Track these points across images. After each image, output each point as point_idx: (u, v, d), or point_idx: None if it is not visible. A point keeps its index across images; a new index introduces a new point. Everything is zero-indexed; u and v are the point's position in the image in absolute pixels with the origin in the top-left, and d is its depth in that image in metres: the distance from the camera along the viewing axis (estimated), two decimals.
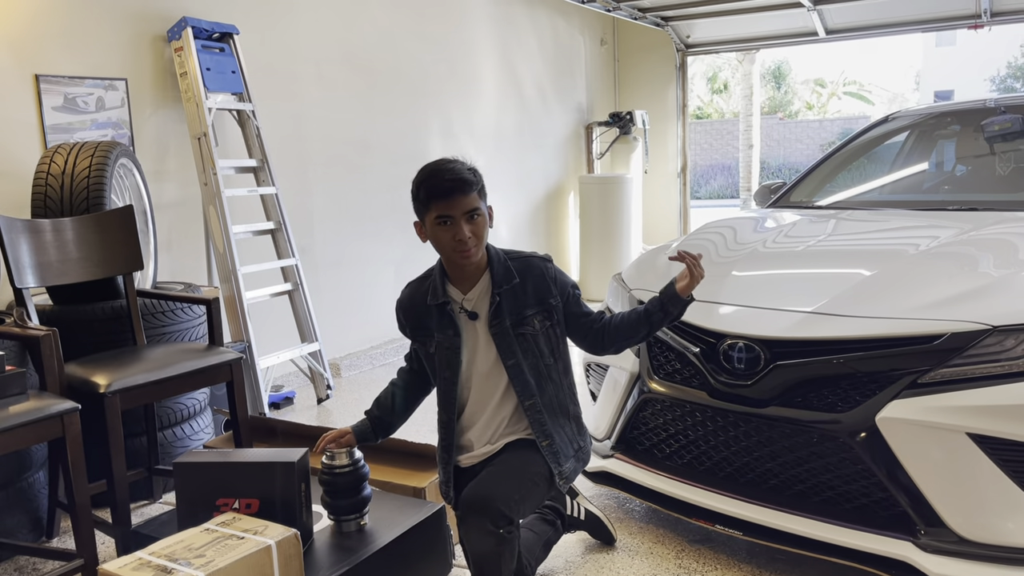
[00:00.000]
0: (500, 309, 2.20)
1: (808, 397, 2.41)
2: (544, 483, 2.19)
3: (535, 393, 2.21)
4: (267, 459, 2.28)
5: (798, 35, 8.08)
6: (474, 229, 2.13)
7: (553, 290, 2.23)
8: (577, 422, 2.32)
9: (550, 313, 2.23)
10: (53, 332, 2.57)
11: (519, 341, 2.19)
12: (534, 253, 2.32)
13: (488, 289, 2.21)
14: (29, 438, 2.31)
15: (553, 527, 2.61)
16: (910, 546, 2.23)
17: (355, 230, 5.41)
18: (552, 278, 2.25)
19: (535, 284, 2.22)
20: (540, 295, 2.22)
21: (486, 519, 2.03)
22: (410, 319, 2.32)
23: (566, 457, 2.23)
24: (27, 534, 2.91)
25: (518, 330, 2.19)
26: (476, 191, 2.14)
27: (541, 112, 7.45)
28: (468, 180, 2.12)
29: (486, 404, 2.26)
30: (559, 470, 2.20)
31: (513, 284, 2.20)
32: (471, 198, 2.12)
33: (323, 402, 4.69)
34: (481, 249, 2.18)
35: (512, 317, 2.19)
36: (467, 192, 2.12)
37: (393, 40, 5.65)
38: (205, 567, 1.90)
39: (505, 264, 2.23)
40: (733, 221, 3.66)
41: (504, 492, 2.07)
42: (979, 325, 2.24)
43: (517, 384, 2.21)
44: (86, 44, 3.87)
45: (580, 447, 2.30)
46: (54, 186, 3.19)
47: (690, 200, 8.88)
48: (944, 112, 4.11)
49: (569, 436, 2.26)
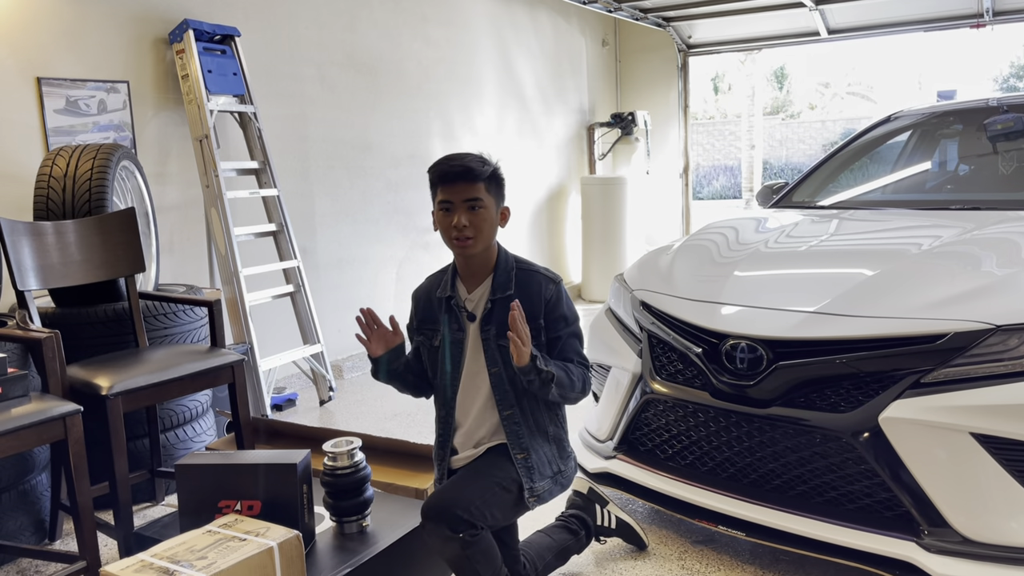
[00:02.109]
0: (490, 316, 2.20)
1: (811, 397, 2.41)
2: (515, 489, 2.16)
3: (514, 404, 2.20)
4: (269, 461, 2.28)
5: (800, 35, 8.07)
6: (473, 219, 2.12)
7: (542, 311, 2.18)
8: (559, 444, 2.27)
9: (537, 333, 2.18)
10: (55, 334, 2.57)
11: (500, 352, 2.19)
12: (546, 270, 2.26)
13: (487, 293, 2.21)
14: (31, 440, 2.31)
15: (575, 536, 2.59)
16: (914, 546, 2.23)
17: (357, 231, 5.41)
18: (547, 299, 2.19)
19: (529, 300, 2.18)
20: (531, 312, 2.17)
21: (443, 525, 2.03)
22: (421, 310, 2.32)
23: (541, 476, 2.19)
24: (30, 536, 2.92)
25: (499, 341, 2.18)
26: (482, 181, 2.12)
27: (543, 113, 7.45)
28: (473, 169, 2.11)
29: (472, 407, 2.26)
30: (531, 486, 2.16)
31: (507, 294, 2.19)
32: (474, 187, 2.11)
33: (325, 404, 4.69)
34: (481, 242, 2.15)
35: (498, 327, 2.18)
36: (470, 180, 2.11)
37: (394, 41, 5.65)
38: (207, 569, 1.90)
39: (508, 272, 2.22)
40: (735, 221, 3.66)
41: (464, 497, 2.06)
42: (982, 324, 2.23)
43: (497, 392, 2.20)
44: (88, 47, 3.88)
45: (560, 471, 2.25)
46: (56, 189, 3.20)
47: (692, 200, 8.87)
48: (946, 111, 4.10)
49: (548, 457, 2.22)
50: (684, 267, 3.07)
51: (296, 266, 4.58)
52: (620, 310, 3.13)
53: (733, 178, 21.11)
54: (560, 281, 2.25)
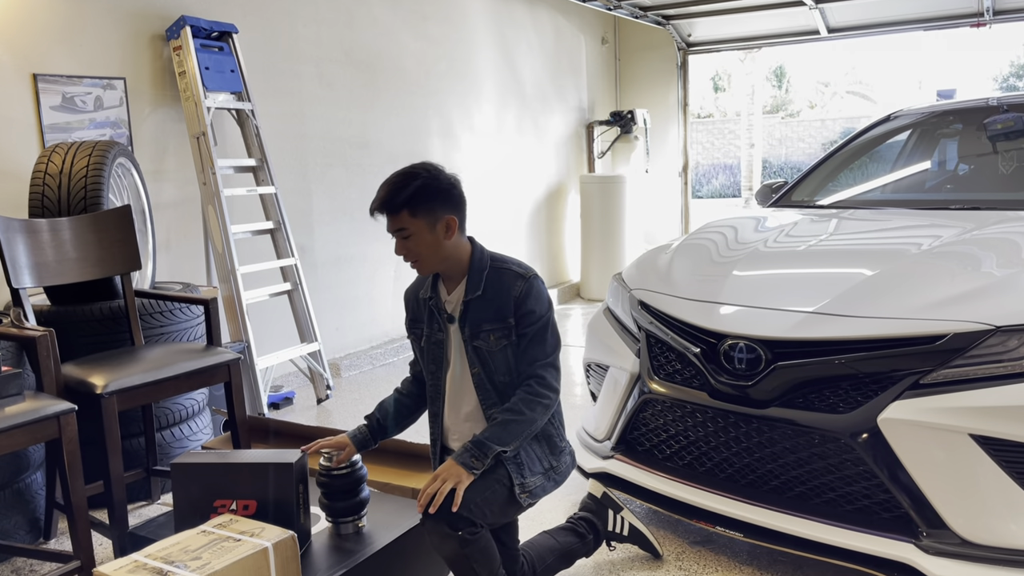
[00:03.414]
0: (465, 317, 2.20)
1: (809, 398, 2.40)
2: (509, 484, 2.15)
3: (497, 403, 2.20)
4: (265, 460, 2.27)
5: (800, 33, 8.06)
6: (406, 246, 2.14)
7: (512, 309, 2.17)
8: (549, 442, 2.25)
9: (509, 332, 2.17)
10: (50, 332, 2.55)
11: (475, 352, 2.19)
12: (519, 265, 2.23)
13: (463, 295, 2.21)
14: (26, 439, 2.29)
15: (582, 540, 2.57)
16: (912, 548, 2.22)
17: (354, 229, 5.40)
18: (517, 297, 2.16)
19: (501, 299, 2.17)
20: (500, 312, 2.17)
21: (443, 522, 2.03)
22: (411, 310, 2.35)
23: (532, 472, 2.18)
24: (24, 535, 2.90)
25: (473, 342, 2.19)
26: (403, 209, 2.09)
27: (542, 111, 7.43)
28: (390, 201, 2.09)
29: (461, 407, 2.27)
30: (521, 482, 2.14)
31: (477, 295, 2.18)
32: (396, 218, 2.11)
33: (323, 402, 4.68)
34: (428, 264, 2.17)
35: (471, 328, 2.19)
36: (389, 212, 2.11)
37: (393, 39, 5.63)
38: (201, 570, 1.89)
39: (481, 273, 2.20)
40: (734, 220, 3.64)
41: (464, 495, 2.05)
42: (982, 325, 2.22)
43: (480, 392, 2.21)
44: (84, 43, 3.86)
45: (552, 466, 2.24)
46: (52, 186, 3.18)
47: (691, 199, 8.85)
48: (946, 111, 4.09)
49: (537, 454, 2.21)
50: (683, 266, 3.05)
51: (294, 264, 4.57)
52: (618, 309, 3.12)
53: (732, 177, 21.09)
54: (531, 276, 2.21)
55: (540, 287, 2.21)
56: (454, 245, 2.17)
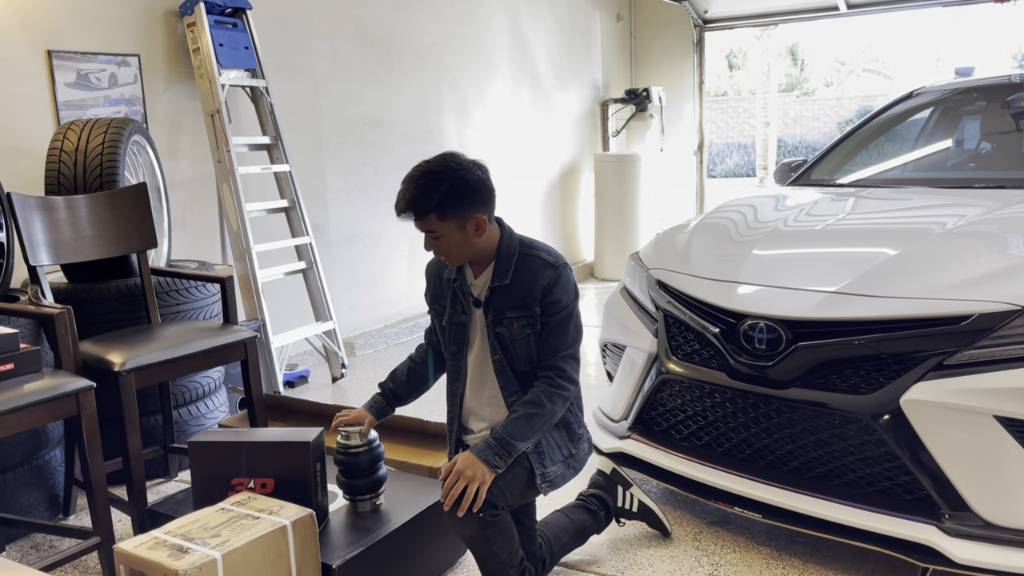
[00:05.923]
0: (489, 303, 2.18)
1: (830, 379, 2.37)
2: (529, 467, 2.14)
3: (518, 391, 2.19)
4: (282, 439, 2.27)
5: (819, 9, 7.92)
6: (437, 246, 2.13)
7: (537, 298, 2.14)
8: (568, 429, 2.24)
9: (533, 320, 2.15)
10: (68, 310, 2.55)
11: (497, 338, 2.18)
12: (549, 253, 2.21)
13: (489, 280, 2.20)
14: (45, 416, 2.30)
15: (594, 517, 2.57)
16: (934, 530, 2.20)
17: (369, 208, 5.38)
18: (545, 286, 2.14)
19: (527, 287, 2.15)
20: (526, 300, 2.15)
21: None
22: (432, 286, 2.33)
23: (552, 461, 2.17)
24: (44, 512, 2.92)
25: (496, 328, 2.17)
26: (430, 213, 2.06)
27: (556, 89, 7.37)
28: (415, 208, 2.06)
29: (482, 390, 2.26)
30: (542, 471, 2.14)
31: (504, 283, 2.16)
32: (424, 221, 2.08)
33: (338, 381, 4.69)
34: (458, 258, 2.16)
35: (495, 314, 2.17)
36: (417, 217, 2.08)
37: (407, 16, 5.58)
38: (221, 547, 1.90)
39: (510, 259, 2.18)
40: (753, 199, 3.60)
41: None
42: (1008, 305, 2.18)
43: (500, 379, 2.21)
44: (98, 19, 3.83)
45: (571, 454, 2.24)
46: (67, 163, 3.17)
47: (706, 178, 8.78)
48: (969, 88, 4.01)
49: (557, 442, 2.20)
50: (701, 246, 3.02)
51: (308, 243, 4.56)
52: (635, 289, 3.09)
53: (747, 156, 20.93)
54: (560, 265, 2.18)
55: (569, 276, 2.19)
56: (484, 239, 2.15)
